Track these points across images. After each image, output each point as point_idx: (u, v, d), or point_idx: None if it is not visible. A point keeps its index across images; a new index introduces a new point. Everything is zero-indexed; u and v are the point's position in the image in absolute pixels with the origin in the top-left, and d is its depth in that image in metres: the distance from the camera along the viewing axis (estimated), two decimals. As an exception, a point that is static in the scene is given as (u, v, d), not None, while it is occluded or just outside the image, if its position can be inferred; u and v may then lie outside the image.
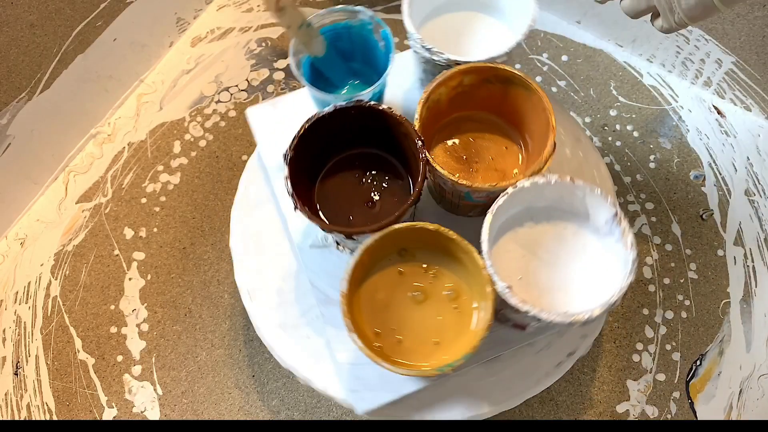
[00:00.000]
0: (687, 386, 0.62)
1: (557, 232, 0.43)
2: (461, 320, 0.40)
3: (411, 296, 0.41)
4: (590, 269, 0.41)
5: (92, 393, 0.64)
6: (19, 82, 0.63)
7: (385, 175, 0.46)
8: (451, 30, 0.50)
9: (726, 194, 0.69)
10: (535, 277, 0.41)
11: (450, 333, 0.40)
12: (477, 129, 0.47)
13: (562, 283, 0.41)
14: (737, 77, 0.69)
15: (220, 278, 0.68)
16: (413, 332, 0.40)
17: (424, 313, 0.41)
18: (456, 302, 0.41)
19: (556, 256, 0.42)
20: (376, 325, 0.41)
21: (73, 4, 0.65)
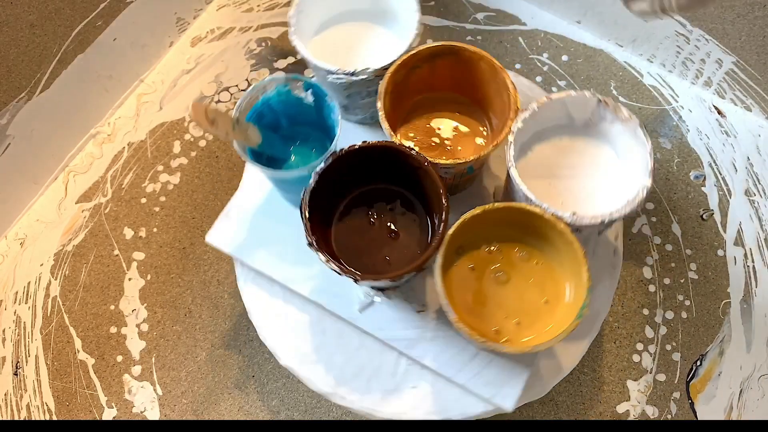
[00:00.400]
0: (687, 386, 0.62)
1: (566, 147, 0.45)
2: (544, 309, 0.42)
3: (495, 277, 0.43)
4: (610, 170, 0.44)
5: (92, 393, 0.64)
6: (19, 82, 0.63)
7: (402, 211, 0.45)
8: (340, 43, 0.49)
9: (726, 194, 0.69)
10: (561, 195, 0.43)
11: (532, 317, 0.42)
12: (441, 109, 0.48)
13: (588, 192, 0.43)
14: (738, 77, 0.69)
15: (220, 278, 0.68)
16: (516, 312, 0.42)
17: (513, 291, 0.42)
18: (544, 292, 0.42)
19: (573, 169, 0.44)
20: (482, 322, 0.41)
21: (73, 4, 0.65)
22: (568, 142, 0.45)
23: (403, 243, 0.44)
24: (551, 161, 0.45)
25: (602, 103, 0.42)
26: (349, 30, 0.50)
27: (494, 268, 0.43)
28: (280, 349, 0.49)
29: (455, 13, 0.79)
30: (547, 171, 0.44)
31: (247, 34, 0.80)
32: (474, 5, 0.79)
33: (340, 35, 0.49)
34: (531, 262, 0.43)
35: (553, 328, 0.40)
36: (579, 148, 0.45)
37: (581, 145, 0.45)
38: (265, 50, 0.79)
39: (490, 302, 0.42)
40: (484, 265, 0.43)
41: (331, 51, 0.49)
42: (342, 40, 0.49)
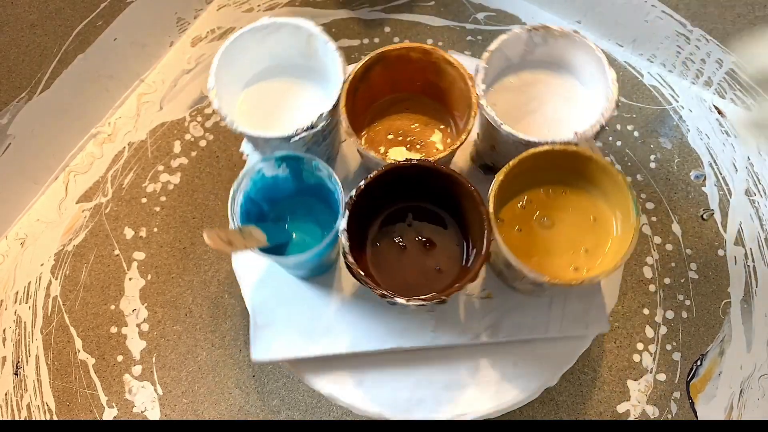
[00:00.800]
0: (687, 386, 0.62)
1: (528, 83, 0.47)
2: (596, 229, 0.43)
3: (541, 225, 0.44)
4: (576, 99, 0.45)
5: (92, 393, 0.64)
6: (19, 82, 0.63)
7: (434, 227, 0.45)
8: (265, 103, 0.48)
9: (726, 194, 0.69)
10: (530, 124, 0.45)
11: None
12: (404, 111, 0.49)
13: (555, 120, 0.45)
14: (738, 77, 0.69)
15: (221, 278, 0.68)
16: (577, 244, 0.43)
17: (563, 229, 0.43)
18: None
19: (541, 101, 0.46)
20: (559, 269, 0.42)
21: (73, 4, 0.65)
22: (530, 77, 0.47)
23: (441, 259, 0.44)
24: (518, 101, 0.47)
25: (532, 31, 0.44)
26: (267, 89, 0.48)
27: (535, 218, 0.44)
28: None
29: (455, 13, 0.79)
30: (517, 111, 0.46)
31: (248, 34, 0.79)
32: (474, 5, 0.79)
33: (261, 95, 0.48)
34: (562, 199, 0.44)
35: (614, 246, 0.42)
36: (542, 80, 0.47)
37: (543, 78, 0.47)
38: (266, 50, 0.79)
39: (551, 248, 0.43)
40: (525, 220, 0.44)
41: (260, 112, 0.47)
42: (265, 99, 0.48)
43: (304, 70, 0.48)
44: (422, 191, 0.44)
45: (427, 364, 0.48)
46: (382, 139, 0.48)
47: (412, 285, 0.43)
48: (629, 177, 0.70)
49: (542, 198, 0.44)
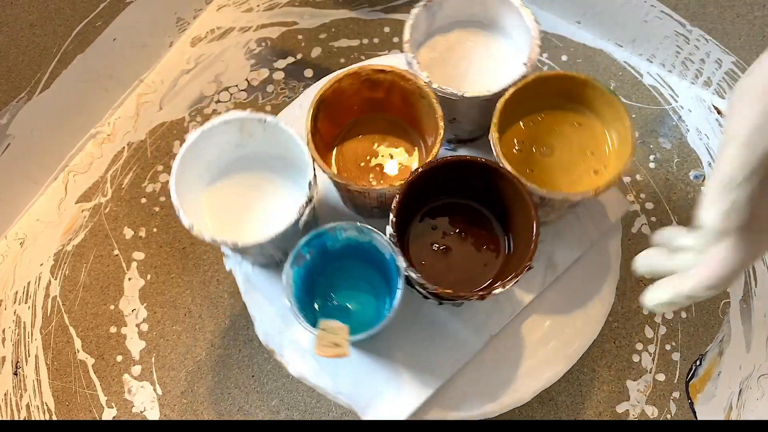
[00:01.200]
0: (687, 386, 0.62)
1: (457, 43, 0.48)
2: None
3: (541, 154, 0.45)
4: (501, 55, 0.47)
5: (92, 393, 0.64)
6: (18, 82, 0.63)
7: (475, 227, 0.45)
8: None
9: (726, 194, 0.69)
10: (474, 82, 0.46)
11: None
12: (374, 131, 0.48)
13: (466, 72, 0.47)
14: (737, 77, 0.69)
15: (220, 278, 0.68)
16: (582, 163, 0.45)
17: (561, 155, 0.45)
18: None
19: (468, 60, 0.47)
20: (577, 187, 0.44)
21: (73, 4, 0.65)
22: (462, 34, 0.49)
23: (484, 254, 0.44)
24: (447, 65, 0.48)
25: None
26: (229, 186, 0.47)
27: (534, 149, 0.45)
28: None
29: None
30: (453, 72, 0.48)
31: (247, 34, 0.80)
32: (474, 5, 0.79)
33: (224, 193, 0.47)
34: (554, 126, 0.46)
35: (613, 156, 0.44)
36: (472, 39, 0.48)
37: (474, 37, 0.48)
38: (265, 50, 0.79)
39: (562, 174, 0.44)
40: (528, 158, 0.45)
41: (226, 213, 0.46)
42: (228, 197, 0.47)
43: (259, 159, 0.46)
44: (455, 188, 0.44)
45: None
46: (353, 168, 0.47)
47: (456, 282, 0.43)
48: (628, 177, 0.70)
49: (536, 129, 0.46)
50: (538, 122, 0.46)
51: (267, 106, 0.75)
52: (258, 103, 0.73)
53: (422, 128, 0.46)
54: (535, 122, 0.46)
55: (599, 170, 0.44)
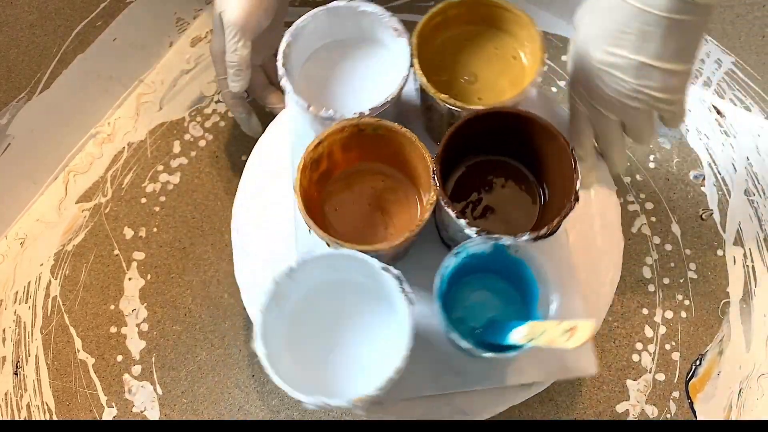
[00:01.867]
0: (687, 386, 0.62)
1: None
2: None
3: (466, 83, 0.48)
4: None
5: (92, 393, 0.64)
6: (18, 82, 0.63)
7: (511, 180, 0.48)
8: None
9: (726, 194, 0.69)
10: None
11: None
12: (367, 181, 0.49)
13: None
14: (737, 77, 0.69)
15: (220, 278, 0.68)
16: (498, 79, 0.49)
17: (485, 80, 0.49)
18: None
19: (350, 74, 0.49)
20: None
21: (73, 4, 0.65)
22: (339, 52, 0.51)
23: (520, 209, 0.47)
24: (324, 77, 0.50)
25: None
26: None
27: (463, 81, 0.49)
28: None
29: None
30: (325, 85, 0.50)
31: (247, 34, 0.79)
32: (474, 5, 0.79)
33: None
34: (474, 51, 0.50)
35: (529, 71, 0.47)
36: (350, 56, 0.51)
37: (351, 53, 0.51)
38: (265, 50, 0.79)
39: (490, 95, 0.48)
40: (452, 87, 0.48)
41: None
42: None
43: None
44: (488, 145, 0.46)
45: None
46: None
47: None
48: (628, 177, 0.70)
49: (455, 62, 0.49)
50: (457, 52, 0.49)
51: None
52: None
53: (423, 185, 0.47)
54: (454, 53, 0.49)
55: (516, 81, 0.48)
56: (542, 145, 0.44)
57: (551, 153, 0.43)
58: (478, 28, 0.49)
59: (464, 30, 0.49)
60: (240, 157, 0.73)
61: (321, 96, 0.49)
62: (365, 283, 0.42)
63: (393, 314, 0.42)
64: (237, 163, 0.73)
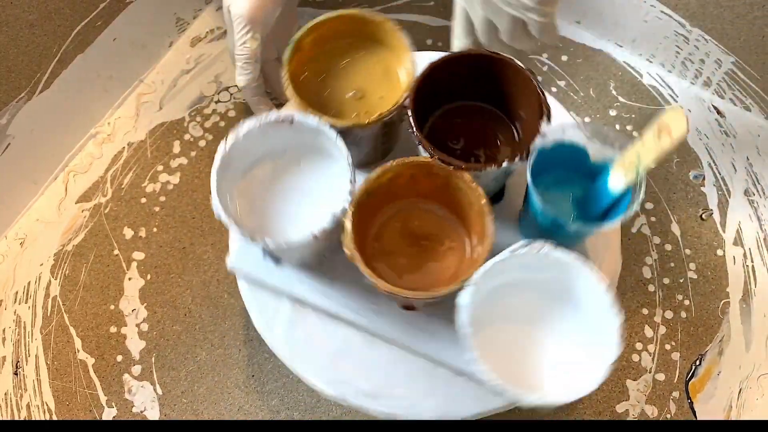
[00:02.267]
0: (686, 386, 0.62)
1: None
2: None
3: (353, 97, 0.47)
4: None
5: (92, 393, 0.64)
6: (18, 82, 0.63)
7: (498, 133, 0.48)
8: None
9: (725, 194, 0.69)
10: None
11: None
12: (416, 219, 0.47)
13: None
14: (737, 77, 0.70)
15: (220, 278, 0.68)
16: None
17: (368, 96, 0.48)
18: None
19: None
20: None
21: (73, 4, 0.65)
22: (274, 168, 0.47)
23: (498, 136, 0.48)
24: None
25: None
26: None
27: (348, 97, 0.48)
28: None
29: (455, 13, 0.79)
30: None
31: (247, 34, 0.79)
32: (473, 5, 0.79)
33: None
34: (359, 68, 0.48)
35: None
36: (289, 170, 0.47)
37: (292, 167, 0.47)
38: (265, 50, 0.79)
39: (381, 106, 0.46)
40: (338, 97, 0.48)
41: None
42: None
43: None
44: (459, 90, 0.47)
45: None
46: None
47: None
48: (628, 177, 0.70)
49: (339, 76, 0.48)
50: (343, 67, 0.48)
51: (267, 106, 0.75)
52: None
53: (476, 232, 0.46)
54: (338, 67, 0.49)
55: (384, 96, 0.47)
56: (509, 82, 0.45)
57: (517, 88, 0.44)
58: (358, 42, 0.49)
59: (343, 44, 0.48)
60: (240, 157, 0.73)
61: (264, 218, 0.44)
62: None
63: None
64: (237, 163, 0.73)
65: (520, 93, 0.45)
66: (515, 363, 0.40)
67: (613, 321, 0.37)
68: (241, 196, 0.45)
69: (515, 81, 0.45)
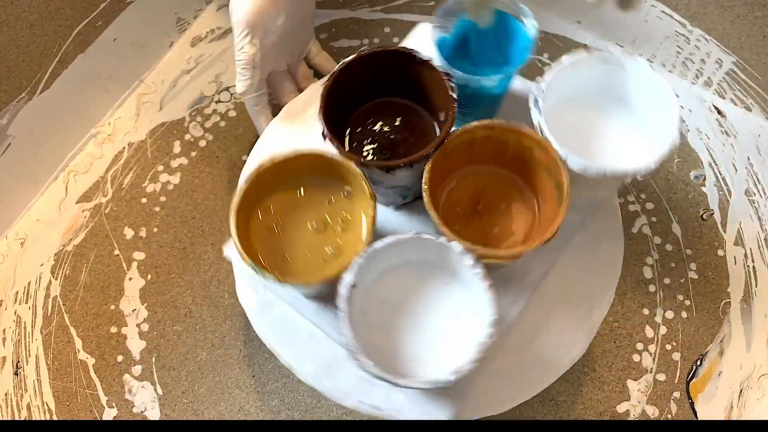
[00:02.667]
0: (687, 386, 0.62)
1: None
2: (352, 238, 0.44)
3: (311, 226, 0.45)
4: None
5: (92, 393, 0.64)
6: (19, 82, 0.63)
7: (413, 123, 0.48)
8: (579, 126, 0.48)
9: (726, 194, 0.69)
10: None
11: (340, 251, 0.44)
12: (496, 184, 0.48)
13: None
14: (737, 77, 0.69)
15: (220, 278, 0.68)
16: (303, 254, 0.44)
17: (318, 239, 0.44)
18: (346, 228, 0.44)
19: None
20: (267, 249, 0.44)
21: (73, 4, 0.65)
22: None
23: (417, 134, 0.47)
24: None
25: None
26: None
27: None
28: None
29: None
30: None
31: (247, 34, 0.79)
32: (474, 5, 0.79)
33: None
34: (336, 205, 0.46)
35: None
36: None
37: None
38: (265, 50, 0.78)
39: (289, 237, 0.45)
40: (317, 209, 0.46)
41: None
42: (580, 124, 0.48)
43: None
44: (378, 88, 0.47)
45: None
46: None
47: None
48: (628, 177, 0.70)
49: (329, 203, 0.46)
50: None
51: (267, 106, 0.75)
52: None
53: (544, 198, 0.46)
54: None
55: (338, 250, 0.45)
56: (421, 77, 0.45)
57: (436, 88, 0.44)
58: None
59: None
60: (240, 157, 0.73)
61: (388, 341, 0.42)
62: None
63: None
64: (237, 163, 0.73)
65: (438, 94, 0.45)
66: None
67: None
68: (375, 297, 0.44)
69: (426, 74, 0.45)
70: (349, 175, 0.43)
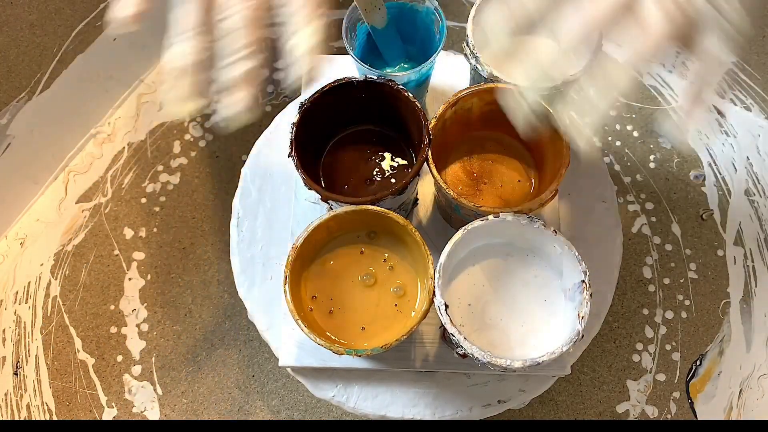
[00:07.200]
0: (687, 386, 0.62)
1: (526, 276, 0.42)
2: (396, 317, 0.41)
3: (362, 279, 0.42)
4: (540, 323, 0.41)
5: (92, 393, 0.64)
6: (19, 82, 0.63)
7: (390, 154, 0.47)
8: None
9: (726, 194, 0.69)
10: (484, 309, 0.41)
11: (380, 325, 0.41)
12: (499, 152, 0.47)
13: (506, 326, 0.41)
14: (737, 77, 0.69)
15: (220, 278, 0.68)
16: (348, 310, 0.41)
17: (366, 298, 0.42)
18: (399, 300, 0.42)
19: (514, 299, 0.41)
20: (317, 291, 0.42)
21: (73, 4, 0.65)
22: (533, 273, 0.43)
23: (381, 185, 0.46)
24: (502, 276, 0.44)
25: (583, 284, 0.39)
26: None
27: (371, 270, 0.44)
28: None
29: (455, 13, 0.79)
30: (490, 282, 0.44)
31: (247, 34, 0.79)
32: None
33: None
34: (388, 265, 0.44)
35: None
36: (534, 282, 0.43)
37: (540, 280, 0.43)
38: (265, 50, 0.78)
39: (339, 287, 0.43)
40: (372, 263, 0.44)
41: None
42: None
43: None
44: (383, 116, 0.47)
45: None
46: (463, 171, 0.47)
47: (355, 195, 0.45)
48: (628, 177, 0.70)
49: (387, 262, 0.44)
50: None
51: (267, 106, 0.75)
52: (258, 103, 0.73)
53: (543, 175, 0.45)
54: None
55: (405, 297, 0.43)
56: (401, 110, 0.44)
57: (410, 117, 0.44)
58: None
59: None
60: (240, 157, 0.73)
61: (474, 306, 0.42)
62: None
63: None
64: (237, 163, 0.73)
65: (412, 121, 0.44)
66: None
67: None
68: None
69: (400, 105, 0.44)
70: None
